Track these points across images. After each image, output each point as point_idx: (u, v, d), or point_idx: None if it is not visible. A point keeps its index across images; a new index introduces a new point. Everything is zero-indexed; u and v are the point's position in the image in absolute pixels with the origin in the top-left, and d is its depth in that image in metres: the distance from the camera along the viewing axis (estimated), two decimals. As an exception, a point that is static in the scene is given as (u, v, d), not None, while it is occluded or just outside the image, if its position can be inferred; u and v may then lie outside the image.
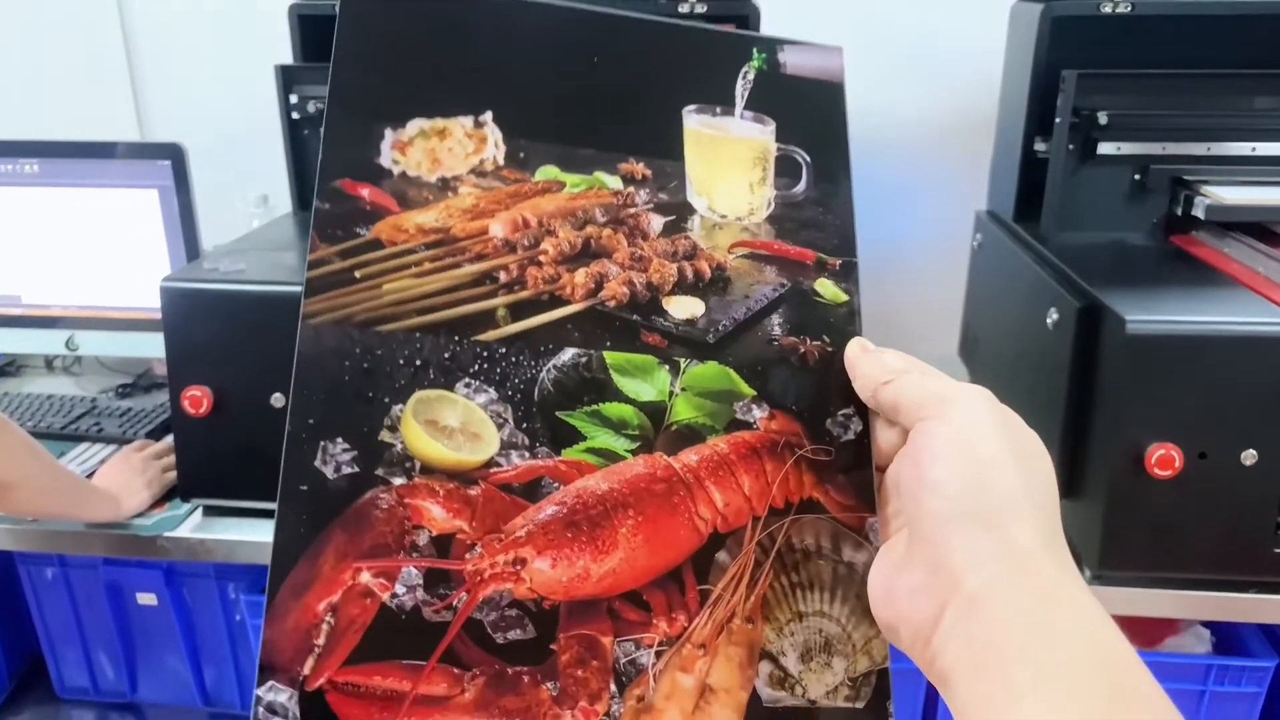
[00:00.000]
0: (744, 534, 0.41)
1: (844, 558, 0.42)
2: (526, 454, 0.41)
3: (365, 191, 0.43)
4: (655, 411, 0.42)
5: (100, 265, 1.38)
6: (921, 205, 1.51)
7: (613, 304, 0.43)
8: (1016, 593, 0.32)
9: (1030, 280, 1.02)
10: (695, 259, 0.45)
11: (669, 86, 0.47)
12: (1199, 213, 1.00)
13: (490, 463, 0.40)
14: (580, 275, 0.43)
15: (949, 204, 1.46)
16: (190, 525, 1.13)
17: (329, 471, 0.39)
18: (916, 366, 0.39)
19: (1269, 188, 1.02)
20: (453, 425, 0.40)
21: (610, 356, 0.43)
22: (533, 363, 0.42)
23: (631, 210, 0.46)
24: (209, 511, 1.14)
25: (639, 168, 0.46)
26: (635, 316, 0.43)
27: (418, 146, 0.44)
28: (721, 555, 0.41)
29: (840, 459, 0.42)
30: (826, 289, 0.46)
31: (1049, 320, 0.93)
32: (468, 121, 0.44)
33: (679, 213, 0.46)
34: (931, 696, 1.21)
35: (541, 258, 0.43)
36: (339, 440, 0.39)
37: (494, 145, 0.45)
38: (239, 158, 1.48)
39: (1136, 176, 1.06)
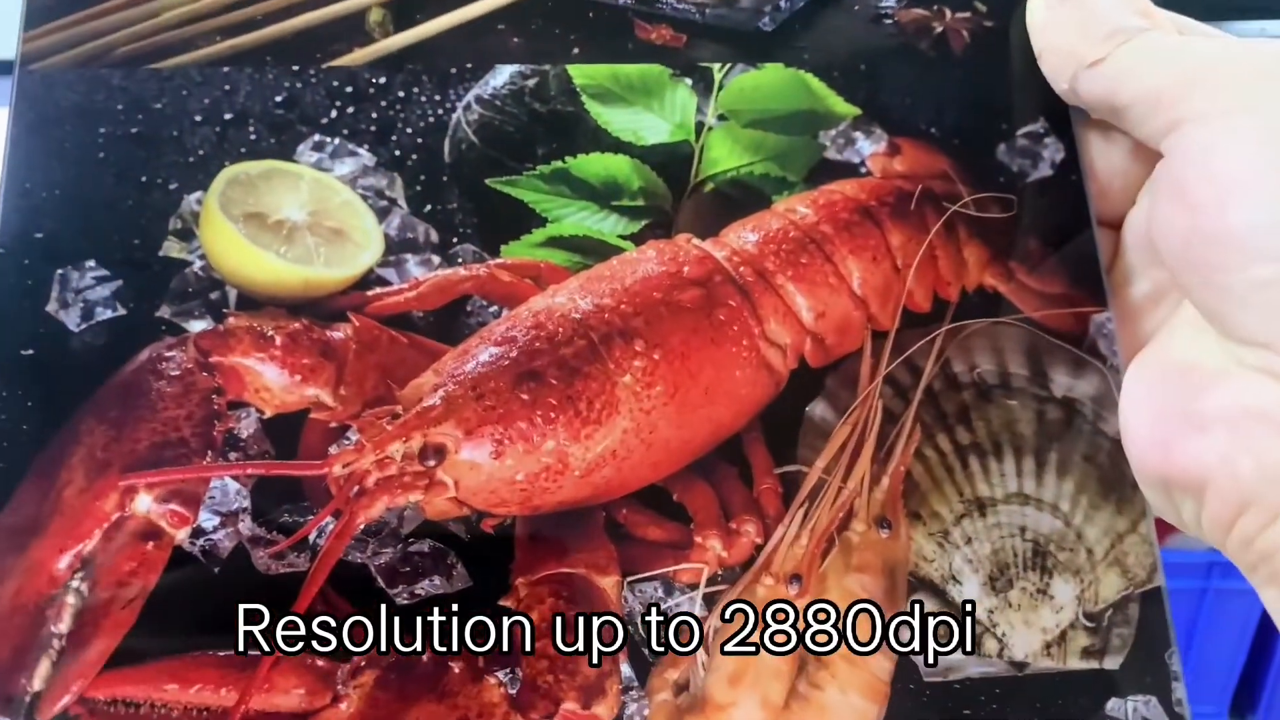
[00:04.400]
0: (858, 367, 0.22)
1: (1055, 392, 0.22)
2: (434, 258, 0.22)
3: None
4: (672, 161, 0.24)
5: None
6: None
7: (579, -19, 0.24)
8: None
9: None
10: (725, -111, 0.25)
11: None
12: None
13: (368, 278, 0.22)
14: (515, -63, 0.24)
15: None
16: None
17: (71, 320, 0.22)
18: (1154, 20, 0.23)
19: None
20: (293, 219, 0.22)
21: (580, 72, 0.23)
22: (437, 96, 0.23)
23: None
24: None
25: None
26: (623, -1, 0.24)
27: None
28: (818, 409, 0.22)
29: (1028, 214, 0.22)
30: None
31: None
32: None
33: None
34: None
35: (442, -85, 0.24)
36: (88, 263, 0.22)
37: None
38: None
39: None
